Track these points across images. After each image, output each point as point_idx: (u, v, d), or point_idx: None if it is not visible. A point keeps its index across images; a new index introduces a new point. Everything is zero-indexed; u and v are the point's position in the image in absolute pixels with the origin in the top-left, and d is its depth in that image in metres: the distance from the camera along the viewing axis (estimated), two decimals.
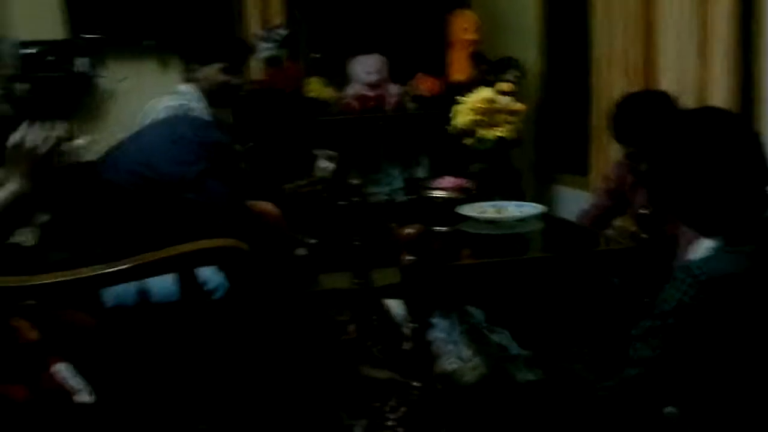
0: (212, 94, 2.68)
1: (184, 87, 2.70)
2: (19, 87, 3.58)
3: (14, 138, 1.23)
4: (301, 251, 2.09)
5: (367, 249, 2.81)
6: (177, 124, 2.19)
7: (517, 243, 2.23)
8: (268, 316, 1.95)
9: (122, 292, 1.80)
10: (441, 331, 2.43)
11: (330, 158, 2.82)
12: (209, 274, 1.80)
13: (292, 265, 2.15)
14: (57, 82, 3.54)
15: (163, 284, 1.74)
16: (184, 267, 1.66)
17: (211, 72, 2.65)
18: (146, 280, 1.69)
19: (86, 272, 1.59)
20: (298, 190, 2.78)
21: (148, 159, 1.97)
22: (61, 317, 1.47)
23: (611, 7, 3.23)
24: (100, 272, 1.60)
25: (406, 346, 1.88)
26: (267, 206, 2.49)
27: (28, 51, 3.50)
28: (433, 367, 1.94)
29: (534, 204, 2.38)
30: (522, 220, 2.26)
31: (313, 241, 2.19)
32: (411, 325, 1.85)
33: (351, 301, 2.73)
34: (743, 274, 1.38)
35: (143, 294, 1.71)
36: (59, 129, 1.25)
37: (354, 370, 2.18)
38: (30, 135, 1.22)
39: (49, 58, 3.50)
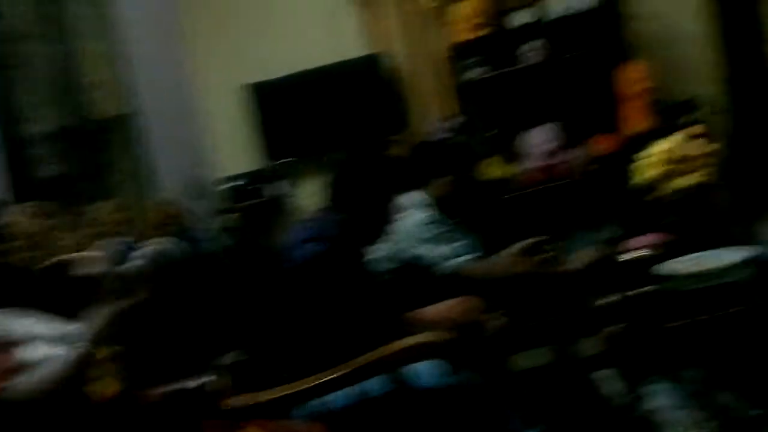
0: (442, 201, 2.78)
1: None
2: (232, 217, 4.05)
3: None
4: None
5: (565, 321, 2.75)
6: None
7: (731, 294, 2.09)
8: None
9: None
10: (664, 398, 2.31)
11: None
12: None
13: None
14: (261, 207, 3.96)
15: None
16: (395, 366, 1.77)
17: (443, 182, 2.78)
18: None
19: (309, 382, 1.75)
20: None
21: None
22: None
23: None
24: (322, 381, 1.75)
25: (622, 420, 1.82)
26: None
27: (235, 184, 3.95)
28: None
29: (739, 247, 2.22)
30: (729, 268, 2.12)
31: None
32: (626, 395, 1.80)
33: (552, 378, 2.65)
34: None
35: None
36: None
37: None
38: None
39: (254, 186, 3.92)
